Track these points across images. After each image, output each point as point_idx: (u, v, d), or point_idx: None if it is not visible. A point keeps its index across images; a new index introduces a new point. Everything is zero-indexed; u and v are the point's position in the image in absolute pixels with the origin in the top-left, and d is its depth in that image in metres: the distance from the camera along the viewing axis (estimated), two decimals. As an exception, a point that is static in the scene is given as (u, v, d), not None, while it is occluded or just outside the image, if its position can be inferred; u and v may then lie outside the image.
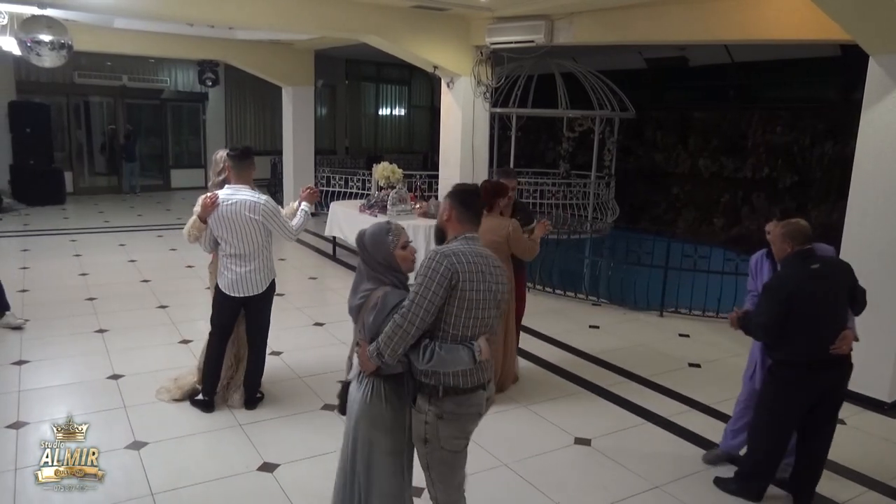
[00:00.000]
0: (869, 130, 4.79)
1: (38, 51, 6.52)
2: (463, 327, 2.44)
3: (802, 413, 3.37)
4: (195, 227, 4.14)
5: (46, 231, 10.18)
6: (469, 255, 2.45)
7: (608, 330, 6.47)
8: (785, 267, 3.33)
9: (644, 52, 12.84)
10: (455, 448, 2.52)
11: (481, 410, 2.53)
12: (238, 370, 4.50)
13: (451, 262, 2.40)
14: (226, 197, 4.09)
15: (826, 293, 3.27)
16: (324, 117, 17.06)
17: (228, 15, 7.31)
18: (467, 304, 2.42)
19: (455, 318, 2.42)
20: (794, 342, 3.26)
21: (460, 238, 2.53)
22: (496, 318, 2.54)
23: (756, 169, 11.74)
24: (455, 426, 2.48)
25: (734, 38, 7.13)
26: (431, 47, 8.21)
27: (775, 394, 3.39)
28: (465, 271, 2.40)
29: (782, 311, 3.20)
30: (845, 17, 4.64)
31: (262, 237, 4.18)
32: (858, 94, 5.04)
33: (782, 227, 3.33)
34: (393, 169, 8.29)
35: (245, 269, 4.16)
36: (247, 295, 4.22)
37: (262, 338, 4.46)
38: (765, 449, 3.50)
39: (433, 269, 2.38)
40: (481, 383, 2.49)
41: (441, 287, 2.37)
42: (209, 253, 4.37)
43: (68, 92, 14.21)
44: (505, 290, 2.54)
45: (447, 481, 2.57)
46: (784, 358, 3.34)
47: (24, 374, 4.83)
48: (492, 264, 2.50)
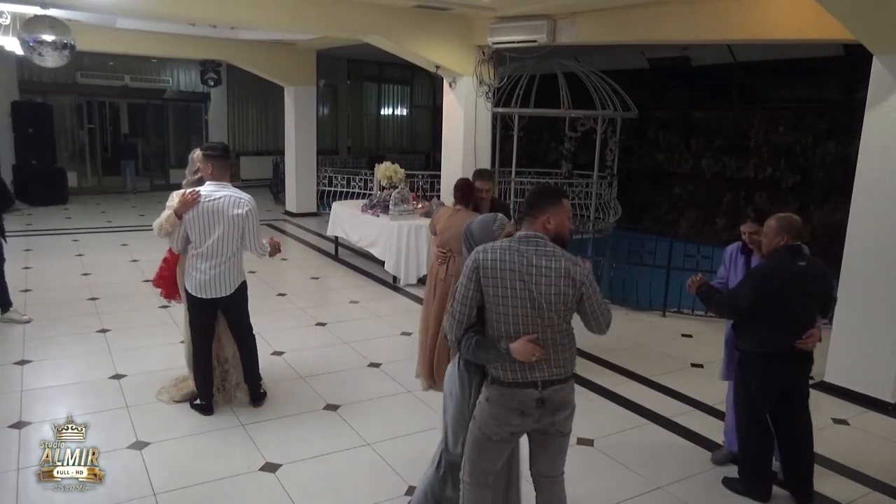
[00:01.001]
0: (873, 130, 4.78)
1: (41, 51, 6.52)
2: (496, 323, 2.52)
3: (772, 403, 3.49)
4: (169, 223, 4.05)
5: (49, 231, 10.19)
6: (501, 252, 2.50)
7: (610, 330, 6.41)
8: (774, 259, 3.39)
9: (646, 51, 12.82)
10: (490, 434, 2.58)
11: (524, 409, 2.53)
12: (229, 370, 4.46)
13: (477, 257, 2.52)
14: (208, 193, 4.05)
15: (807, 291, 3.39)
16: (326, 117, 17.06)
17: (230, 15, 7.31)
18: (493, 299, 2.49)
19: (488, 312, 2.53)
20: (768, 332, 3.38)
21: (517, 236, 2.57)
22: (536, 319, 2.48)
23: (758, 169, 11.71)
24: (494, 413, 2.56)
25: (737, 37, 7.12)
26: (433, 47, 8.21)
27: (745, 385, 3.52)
28: (486, 267, 2.48)
29: (761, 299, 3.31)
30: (849, 17, 4.63)
31: (237, 238, 4.12)
32: (861, 93, 5.03)
33: (778, 220, 3.39)
34: (395, 169, 8.29)
35: (215, 270, 4.09)
36: (216, 296, 4.14)
37: (247, 334, 4.42)
38: (755, 442, 3.56)
39: (467, 264, 2.55)
40: (525, 382, 2.51)
41: (470, 280, 2.51)
42: (178, 252, 4.28)
43: (71, 92, 14.22)
44: (553, 294, 2.47)
45: (472, 461, 2.66)
46: (751, 349, 3.46)
47: (26, 373, 4.84)
48: (534, 263, 2.47)
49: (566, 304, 2.52)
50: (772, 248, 3.41)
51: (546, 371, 2.52)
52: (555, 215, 2.56)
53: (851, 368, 4.96)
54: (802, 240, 3.40)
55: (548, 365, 2.52)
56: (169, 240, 4.20)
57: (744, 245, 3.80)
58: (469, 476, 2.69)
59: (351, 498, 3.46)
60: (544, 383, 2.52)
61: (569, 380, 2.61)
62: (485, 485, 2.70)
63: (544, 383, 2.52)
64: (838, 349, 5.04)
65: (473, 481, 2.68)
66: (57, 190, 12.89)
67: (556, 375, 2.54)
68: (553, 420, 2.59)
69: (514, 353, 2.46)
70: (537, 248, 2.50)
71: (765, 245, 3.47)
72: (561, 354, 2.56)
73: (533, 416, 2.55)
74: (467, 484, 2.70)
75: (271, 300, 6.94)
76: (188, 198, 3.99)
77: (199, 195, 4.01)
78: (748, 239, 3.72)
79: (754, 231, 3.65)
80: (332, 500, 3.44)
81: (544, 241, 2.53)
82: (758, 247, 3.65)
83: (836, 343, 5.05)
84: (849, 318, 4.96)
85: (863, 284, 4.87)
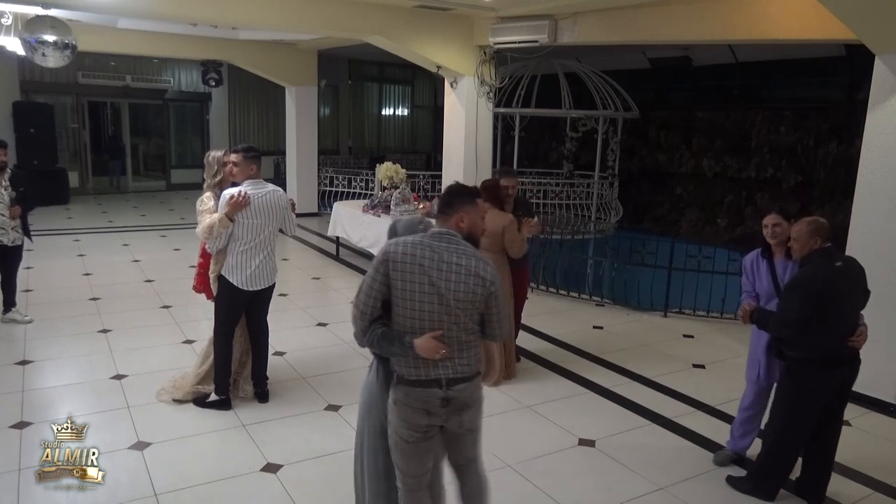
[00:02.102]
0: (875, 130, 4.77)
1: (43, 51, 6.52)
2: (401, 317, 2.50)
3: (819, 412, 3.40)
4: (222, 226, 4.08)
5: (50, 231, 10.19)
6: (413, 247, 2.47)
7: (612, 330, 6.45)
8: (811, 265, 3.33)
9: (648, 51, 12.82)
10: (404, 437, 2.56)
11: (429, 409, 2.51)
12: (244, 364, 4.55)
13: (387, 249, 2.50)
14: (256, 191, 4.14)
15: (849, 291, 3.36)
16: (327, 117, 17.05)
17: (231, 15, 7.31)
18: (400, 293, 2.47)
19: (394, 306, 2.51)
20: (815, 338, 3.30)
21: (431, 231, 2.58)
22: (443, 316, 2.46)
23: (760, 169, 11.70)
24: (403, 414, 2.54)
25: (739, 37, 7.11)
26: (435, 47, 8.20)
27: (795, 393, 3.41)
28: (396, 260, 2.46)
29: (809, 306, 3.23)
30: (851, 17, 4.63)
31: (276, 227, 4.33)
32: (863, 93, 5.03)
33: (809, 224, 3.34)
34: (396, 169, 8.28)
35: (265, 262, 4.27)
36: (262, 287, 4.30)
37: (265, 329, 4.56)
38: (785, 448, 3.50)
39: (376, 256, 2.53)
40: (430, 379, 2.49)
41: (377, 272, 2.48)
42: (214, 252, 4.28)
43: (72, 92, 14.22)
44: (462, 291, 2.45)
45: (400, 467, 2.63)
46: (802, 355, 3.36)
47: (27, 373, 4.84)
48: (445, 259, 2.46)
49: (474, 303, 2.49)
50: (806, 253, 3.35)
51: (451, 369, 2.51)
52: (468, 214, 2.58)
53: (853, 369, 4.95)
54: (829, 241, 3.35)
55: (452, 363, 2.51)
56: (212, 241, 4.19)
57: (763, 249, 3.73)
58: (403, 483, 2.65)
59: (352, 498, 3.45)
60: (448, 381, 2.50)
61: (474, 377, 2.59)
62: (419, 488, 2.66)
63: (448, 381, 2.50)
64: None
65: (408, 487, 2.65)
66: (58, 190, 12.89)
67: (461, 374, 2.53)
68: (461, 420, 2.58)
69: (417, 349, 2.44)
70: (449, 244, 2.50)
71: (797, 251, 3.40)
72: (466, 353, 2.54)
73: (440, 416, 2.53)
74: (403, 491, 2.66)
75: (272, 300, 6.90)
76: (240, 200, 4.03)
77: (248, 196, 4.07)
78: (770, 232, 3.64)
79: (777, 223, 3.60)
80: (334, 500, 3.44)
81: (457, 238, 2.53)
82: (778, 243, 3.62)
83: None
84: (851, 318, 4.94)
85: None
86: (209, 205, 4.25)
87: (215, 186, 4.33)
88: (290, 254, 9.33)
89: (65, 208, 12.54)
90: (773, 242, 3.67)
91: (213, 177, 4.38)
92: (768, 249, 3.72)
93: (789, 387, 3.44)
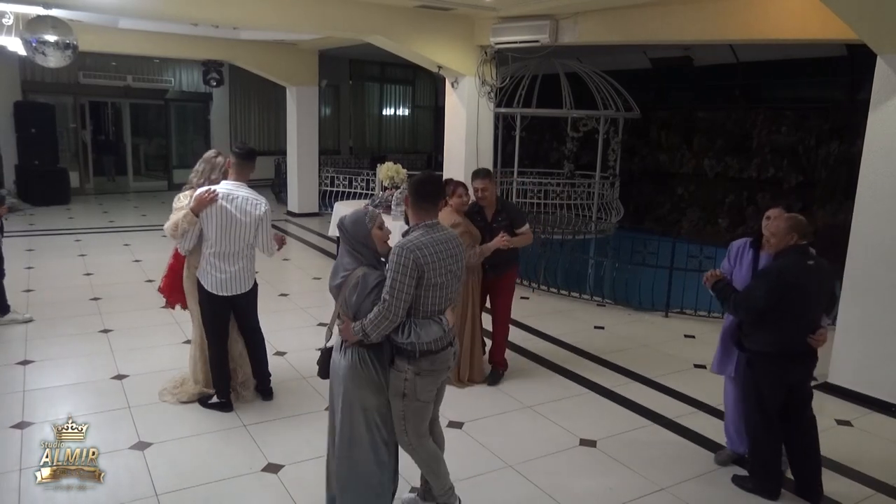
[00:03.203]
0: (877, 130, 4.77)
1: (44, 51, 6.51)
2: (431, 304, 2.87)
3: (782, 401, 3.50)
4: (186, 221, 4.04)
5: (51, 231, 10.19)
6: (431, 246, 2.83)
7: (613, 330, 6.45)
8: (784, 258, 3.40)
9: (649, 51, 12.81)
10: (428, 399, 2.95)
11: (450, 364, 3.00)
12: (236, 368, 4.50)
13: (416, 256, 2.77)
14: (227, 192, 4.07)
15: (816, 290, 3.43)
16: (328, 117, 17.06)
17: (232, 15, 7.31)
18: (433, 288, 2.84)
19: (424, 298, 2.84)
20: (779, 333, 3.40)
21: (421, 226, 2.91)
22: (458, 290, 3.02)
23: (761, 169, 11.69)
24: (430, 380, 2.91)
25: (740, 37, 7.11)
26: (436, 47, 8.20)
27: (755, 385, 3.52)
28: (428, 263, 2.80)
29: (775, 297, 3.32)
30: (853, 17, 4.62)
31: (251, 237, 4.18)
32: (864, 93, 5.02)
33: (787, 220, 3.43)
34: (397, 169, 8.28)
35: (234, 267, 4.15)
36: (235, 293, 4.20)
37: (256, 329, 4.49)
38: (765, 441, 3.56)
39: (403, 264, 2.76)
40: (450, 342, 2.97)
41: (412, 279, 2.77)
42: (185, 253, 4.28)
43: (73, 92, 14.23)
44: (462, 264, 2.98)
45: (418, 429, 2.98)
46: (760, 348, 3.47)
47: (28, 373, 4.84)
48: (452, 245, 2.92)
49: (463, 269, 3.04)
50: (781, 248, 3.42)
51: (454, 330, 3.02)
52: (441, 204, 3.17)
53: (855, 370, 4.95)
54: (809, 240, 3.42)
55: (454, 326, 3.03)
56: (180, 240, 4.18)
57: (755, 240, 3.77)
58: (416, 439, 2.98)
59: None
60: (453, 338, 3.01)
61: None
62: (426, 435, 3.04)
63: (453, 338, 3.01)
64: (842, 350, 5.02)
65: (419, 444, 3.00)
66: (59, 190, 12.90)
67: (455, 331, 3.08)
68: None
69: (451, 323, 2.93)
70: (442, 232, 2.93)
71: (773, 245, 3.47)
72: None
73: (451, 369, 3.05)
74: (417, 446, 3.00)
75: (273, 300, 6.93)
76: (205, 196, 3.98)
77: (216, 194, 4.02)
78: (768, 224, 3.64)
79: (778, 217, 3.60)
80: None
81: (440, 224, 2.96)
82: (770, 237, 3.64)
83: (840, 344, 5.03)
84: (853, 319, 4.94)
85: (867, 285, 4.85)
86: (184, 202, 4.18)
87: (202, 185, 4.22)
88: (291, 254, 9.33)
89: (66, 208, 12.55)
90: (766, 234, 3.69)
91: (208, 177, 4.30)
92: (758, 241, 3.76)
93: (750, 379, 3.55)
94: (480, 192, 4.75)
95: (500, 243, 4.54)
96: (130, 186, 15.50)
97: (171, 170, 15.92)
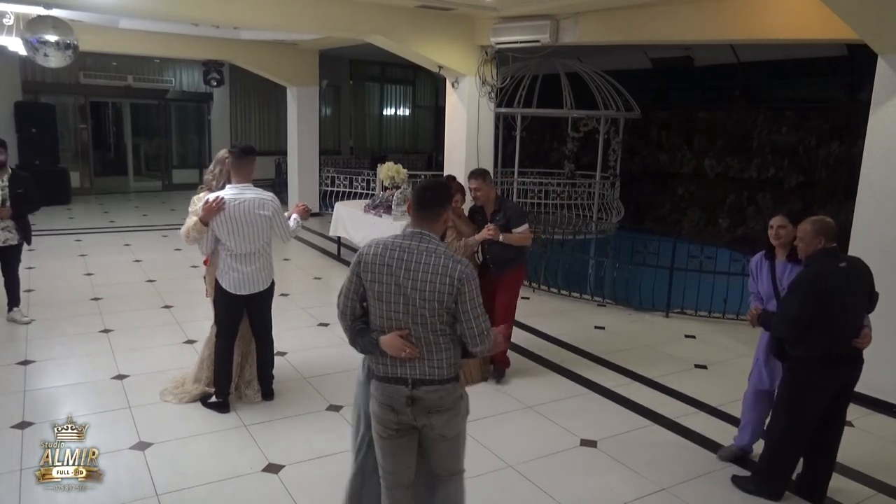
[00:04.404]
0: (878, 130, 4.76)
1: (44, 51, 6.52)
2: (374, 316, 2.54)
3: (821, 411, 3.40)
4: (196, 230, 4.07)
5: (52, 231, 10.19)
6: (384, 248, 2.50)
7: (614, 331, 6.44)
8: (814, 264, 3.33)
9: (649, 51, 12.80)
10: (378, 431, 2.58)
11: (394, 406, 2.50)
12: (245, 367, 4.53)
13: (360, 251, 2.56)
14: (233, 197, 4.07)
15: (852, 291, 3.35)
16: (328, 117, 17.05)
17: (233, 15, 7.31)
18: (370, 293, 2.52)
19: (368, 305, 2.56)
20: (815, 337, 3.30)
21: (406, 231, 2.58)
22: (409, 316, 2.45)
23: (762, 169, 11.69)
24: (374, 409, 2.57)
25: (741, 37, 7.10)
26: (436, 47, 8.20)
27: (796, 392, 3.41)
28: (367, 262, 2.51)
29: (811, 304, 3.23)
30: (854, 17, 4.62)
31: (266, 235, 4.21)
32: (865, 94, 5.02)
33: (813, 224, 3.33)
34: (398, 169, 8.28)
35: (250, 268, 4.19)
36: (251, 293, 4.24)
37: (268, 331, 4.53)
38: (787, 447, 3.51)
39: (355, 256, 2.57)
40: (395, 377, 2.50)
41: (353, 273, 2.55)
42: (206, 255, 4.32)
43: (74, 92, 14.23)
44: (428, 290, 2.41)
45: (380, 462, 2.65)
46: (803, 354, 3.37)
47: (29, 374, 4.84)
48: (415, 259, 2.44)
49: (441, 302, 2.43)
50: (810, 253, 3.34)
51: (417, 370, 2.48)
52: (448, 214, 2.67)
53: (856, 370, 4.94)
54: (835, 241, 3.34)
55: (420, 363, 2.48)
56: (198, 245, 4.22)
57: (767, 250, 3.75)
58: (384, 479, 2.66)
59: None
60: (415, 381, 2.48)
61: (444, 382, 2.51)
62: (396, 486, 2.64)
63: (415, 381, 2.48)
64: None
65: (387, 484, 2.65)
66: (60, 190, 12.90)
67: (430, 376, 2.49)
68: (430, 422, 2.52)
69: (382, 346, 2.46)
70: (420, 243, 2.49)
71: (802, 250, 3.40)
72: (436, 355, 2.49)
73: (406, 415, 2.51)
74: (384, 487, 2.66)
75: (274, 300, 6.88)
76: (213, 205, 3.99)
77: (223, 201, 4.01)
78: (774, 234, 3.65)
79: (783, 225, 3.61)
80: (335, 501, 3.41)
81: (429, 237, 2.51)
82: (781, 245, 3.64)
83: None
84: (853, 319, 4.93)
85: (867, 285, 4.84)
86: (198, 206, 4.17)
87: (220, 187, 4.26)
88: (292, 254, 9.33)
89: (66, 208, 12.55)
90: (776, 244, 3.68)
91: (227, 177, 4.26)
92: (771, 251, 3.74)
93: (790, 386, 3.44)
94: (474, 191, 4.83)
95: (487, 234, 4.65)
96: (131, 186, 15.51)
97: (171, 170, 15.92)
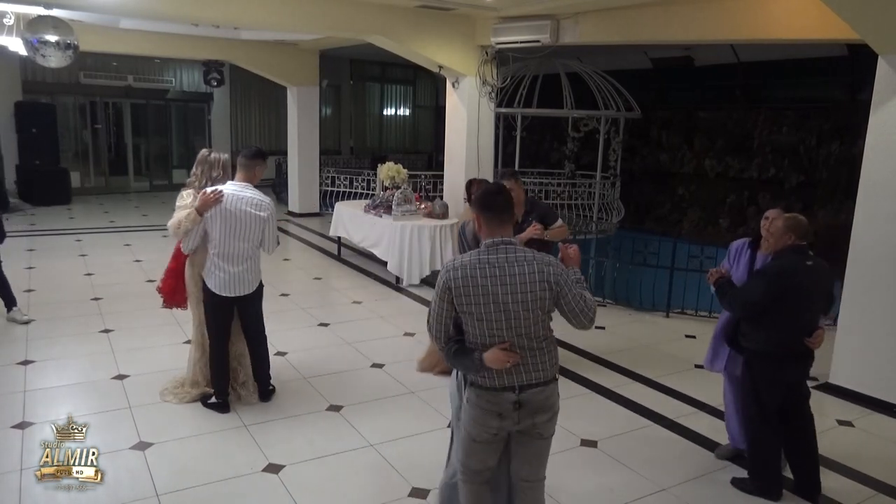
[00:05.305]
0: (878, 130, 4.76)
1: (44, 51, 6.52)
2: (473, 335, 2.54)
3: (779, 400, 3.51)
4: (190, 220, 4.01)
5: (52, 231, 10.20)
6: (469, 269, 2.48)
7: (614, 331, 6.44)
8: (782, 258, 3.43)
9: (649, 51, 12.80)
10: (473, 435, 2.60)
11: (502, 412, 2.53)
12: (238, 369, 4.50)
13: (447, 277, 2.52)
14: (232, 192, 4.06)
15: (814, 290, 3.45)
16: (329, 117, 17.06)
17: (233, 15, 7.31)
18: (467, 316, 2.52)
19: (467, 325, 2.55)
20: (777, 332, 3.42)
21: (484, 245, 2.54)
22: (511, 329, 2.48)
23: (762, 169, 11.69)
24: (474, 415, 2.57)
25: (741, 37, 7.10)
26: (436, 47, 8.20)
27: (753, 385, 3.53)
28: (457, 286, 2.48)
29: (772, 296, 3.35)
30: (854, 17, 4.62)
31: (257, 237, 4.17)
32: (865, 93, 5.02)
33: (785, 220, 3.46)
34: (398, 169, 8.28)
35: (238, 268, 4.15)
36: (239, 294, 4.20)
37: (260, 330, 4.47)
38: (765, 441, 3.56)
39: (438, 284, 2.57)
40: (503, 386, 2.51)
41: (442, 300, 2.54)
42: (188, 252, 4.26)
43: (74, 92, 14.24)
44: (530, 300, 2.46)
45: (462, 461, 2.70)
46: (758, 347, 3.48)
47: (29, 374, 4.84)
48: (508, 273, 2.45)
49: (543, 309, 2.50)
50: (778, 248, 3.46)
51: (523, 376, 2.52)
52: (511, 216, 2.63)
53: (856, 370, 4.94)
54: (808, 240, 3.44)
55: (525, 369, 2.51)
56: (183, 239, 4.17)
57: (754, 240, 3.83)
58: (462, 474, 2.73)
59: (354, 499, 3.45)
60: (521, 387, 2.52)
61: (549, 383, 2.57)
62: (478, 482, 2.72)
63: (521, 387, 2.52)
64: (843, 350, 5.01)
65: (466, 479, 2.73)
66: (60, 190, 12.91)
67: (534, 379, 2.53)
68: (534, 422, 2.57)
69: (487, 363, 2.46)
70: (507, 254, 2.49)
71: (771, 245, 3.53)
72: (539, 358, 2.53)
73: (512, 419, 2.54)
74: (461, 481, 2.74)
75: (274, 300, 6.93)
76: (210, 197, 3.96)
77: (221, 194, 4.00)
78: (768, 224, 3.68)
79: (777, 218, 3.63)
80: (335, 501, 3.44)
81: (512, 245, 2.52)
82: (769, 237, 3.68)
83: (841, 344, 5.03)
84: (854, 319, 4.94)
85: (868, 285, 4.85)
86: (188, 201, 4.16)
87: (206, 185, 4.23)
88: (292, 254, 9.33)
89: (66, 208, 12.55)
90: (764, 234, 3.74)
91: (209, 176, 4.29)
92: (757, 242, 3.81)
93: (749, 379, 3.56)
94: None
95: (533, 232, 4.63)
96: (131, 186, 15.51)
97: (171, 170, 15.93)
